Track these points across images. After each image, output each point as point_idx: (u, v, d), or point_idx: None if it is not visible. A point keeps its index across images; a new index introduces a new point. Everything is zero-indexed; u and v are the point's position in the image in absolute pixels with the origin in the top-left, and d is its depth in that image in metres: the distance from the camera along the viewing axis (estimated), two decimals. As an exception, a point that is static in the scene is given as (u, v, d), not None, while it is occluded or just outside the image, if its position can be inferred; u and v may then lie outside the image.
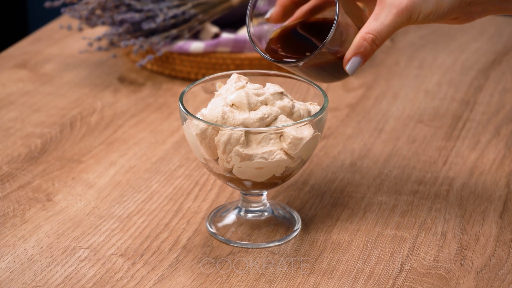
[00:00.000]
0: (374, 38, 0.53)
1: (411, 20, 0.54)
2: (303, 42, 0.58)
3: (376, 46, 0.54)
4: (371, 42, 0.53)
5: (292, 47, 0.57)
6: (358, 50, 0.54)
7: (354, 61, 0.54)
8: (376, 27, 0.53)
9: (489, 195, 0.65)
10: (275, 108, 0.56)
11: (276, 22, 0.57)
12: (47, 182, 0.66)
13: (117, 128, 0.74)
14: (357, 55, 0.54)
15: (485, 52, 0.88)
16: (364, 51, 0.54)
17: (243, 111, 0.56)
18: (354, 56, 0.54)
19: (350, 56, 0.54)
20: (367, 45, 0.53)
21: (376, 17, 0.53)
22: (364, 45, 0.53)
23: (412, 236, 0.60)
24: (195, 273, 0.56)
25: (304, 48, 0.57)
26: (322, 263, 0.57)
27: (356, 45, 0.54)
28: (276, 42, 0.57)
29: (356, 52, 0.54)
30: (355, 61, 0.54)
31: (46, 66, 0.85)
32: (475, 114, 0.77)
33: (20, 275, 0.56)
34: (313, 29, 0.58)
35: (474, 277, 0.56)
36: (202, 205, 0.64)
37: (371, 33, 0.53)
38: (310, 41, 0.58)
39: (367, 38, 0.53)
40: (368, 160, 0.69)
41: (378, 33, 0.53)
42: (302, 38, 0.58)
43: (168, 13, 0.80)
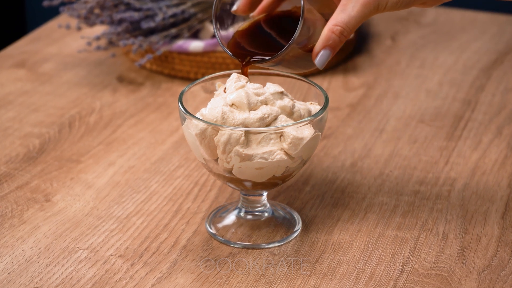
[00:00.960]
0: (342, 30, 0.53)
1: (379, 9, 0.53)
2: (269, 37, 0.57)
3: (344, 38, 0.53)
4: (339, 34, 0.53)
5: (258, 43, 0.57)
6: (327, 43, 0.53)
7: (323, 54, 0.53)
8: (344, 19, 0.53)
9: (491, 196, 0.65)
10: (275, 108, 0.56)
11: (244, 14, 0.56)
12: (45, 183, 0.66)
13: (116, 128, 0.74)
14: (326, 48, 0.53)
15: (487, 52, 0.88)
16: (333, 44, 0.53)
17: (243, 111, 0.56)
18: (323, 49, 0.53)
19: (319, 50, 0.54)
20: (336, 37, 0.53)
21: (343, 8, 0.53)
22: (332, 37, 0.53)
23: (413, 237, 0.60)
24: (195, 274, 0.56)
25: (271, 43, 0.56)
26: (322, 264, 0.57)
27: (324, 38, 0.53)
28: (241, 38, 0.57)
29: (325, 45, 0.53)
30: (324, 54, 0.53)
31: (45, 66, 0.85)
32: (476, 114, 0.77)
33: (18, 276, 0.56)
34: (279, 24, 0.57)
35: (475, 278, 0.56)
36: (202, 206, 0.63)
37: (339, 25, 0.53)
38: (277, 36, 0.57)
39: (335, 30, 0.53)
40: (369, 160, 0.69)
41: (346, 25, 0.53)
42: (268, 33, 0.57)
43: (167, 12, 0.80)
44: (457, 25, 0.94)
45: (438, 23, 0.95)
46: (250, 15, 0.57)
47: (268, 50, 0.56)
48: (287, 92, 0.58)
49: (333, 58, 0.84)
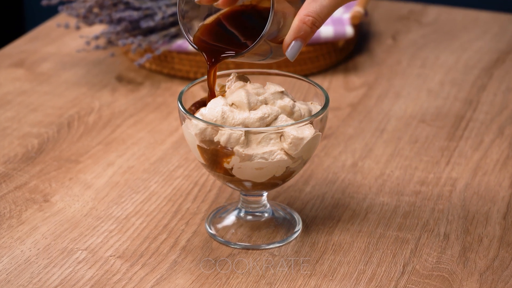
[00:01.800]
0: (314, 20, 0.52)
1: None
2: (237, 31, 0.56)
3: (316, 28, 0.52)
4: (311, 25, 0.52)
5: (225, 37, 0.55)
6: (298, 34, 0.52)
7: (294, 45, 0.52)
8: (316, 9, 0.52)
9: (493, 196, 0.64)
10: (275, 107, 0.56)
11: (208, 3, 0.55)
12: (44, 183, 0.66)
13: (115, 128, 0.74)
14: (297, 39, 0.52)
15: (488, 51, 0.88)
16: (304, 34, 0.52)
17: (243, 111, 0.55)
18: (294, 40, 0.52)
19: (290, 41, 0.52)
20: (307, 27, 0.52)
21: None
22: (303, 28, 0.52)
23: (414, 237, 0.60)
24: (194, 275, 0.56)
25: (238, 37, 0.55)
26: (323, 264, 0.57)
27: (295, 29, 0.52)
28: (207, 33, 0.55)
29: (296, 36, 0.52)
30: (295, 46, 0.52)
31: (43, 65, 0.85)
32: (478, 114, 0.76)
33: (16, 277, 0.56)
34: (246, 17, 0.56)
35: (477, 279, 0.56)
36: (201, 206, 0.63)
37: (311, 15, 0.52)
38: (244, 29, 0.56)
39: (307, 20, 0.52)
40: (370, 161, 0.69)
41: (318, 15, 0.52)
42: (235, 26, 0.56)
43: (166, 11, 0.80)
44: (459, 24, 0.94)
45: (439, 22, 0.95)
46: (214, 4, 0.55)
47: (235, 45, 0.54)
48: (288, 92, 0.58)
49: (333, 57, 0.85)
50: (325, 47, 0.83)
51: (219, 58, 0.55)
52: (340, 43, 0.84)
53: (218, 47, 0.55)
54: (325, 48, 0.83)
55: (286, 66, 0.82)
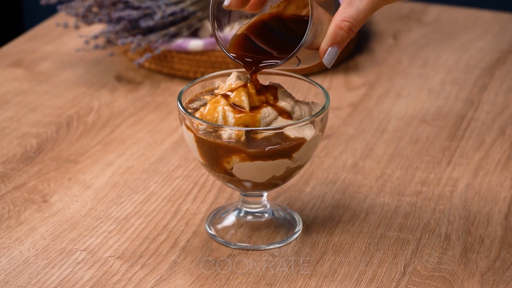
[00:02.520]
0: (351, 25, 0.51)
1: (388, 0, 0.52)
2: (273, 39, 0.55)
3: (352, 33, 0.51)
4: (347, 30, 0.51)
5: (261, 46, 0.55)
6: (335, 40, 0.51)
7: (331, 52, 0.52)
8: (352, 13, 0.51)
9: (494, 196, 0.64)
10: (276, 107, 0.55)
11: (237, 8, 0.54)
12: (43, 183, 0.66)
13: (114, 127, 0.74)
14: (333, 45, 0.51)
15: (490, 51, 0.88)
16: (341, 40, 0.51)
17: (244, 111, 0.55)
18: (331, 46, 0.52)
19: (327, 48, 0.52)
20: (344, 33, 0.51)
21: (350, 2, 0.51)
22: (340, 33, 0.51)
23: (415, 238, 0.59)
24: (194, 275, 0.56)
25: (275, 45, 0.55)
26: (323, 265, 0.57)
27: (332, 35, 0.51)
28: (242, 41, 0.55)
29: (333, 42, 0.51)
30: (332, 52, 0.52)
31: (42, 65, 0.85)
32: (479, 114, 0.76)
33: (15, 278, 0.56)
34: (281, 24, 0.55)
35: (478, 280, 0.56)
36: (201, 207, 0.63)
37: (347, 21, 0.51)
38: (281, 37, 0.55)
39: (343, 26, 0.51)
40: (371, 161, 0.69)
41: (355, 20, 0.51)
42: (271, 34, 0.56)
43: (166, 11, 0.79)
44: (460, 24, 0.94)
45: (440, 22, 0.94)
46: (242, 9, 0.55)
47: (273, 52, 0.54)
48: (288, 91, 0.58)
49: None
50: (326, 46, 0.82)
51: (258, 68, 0.54)
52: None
53: (253, 57, 0.54)
54: (326, 48, 0.83)
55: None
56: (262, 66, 0.54)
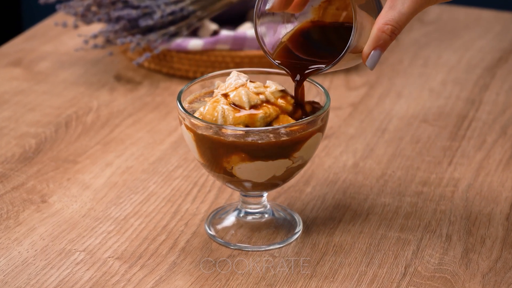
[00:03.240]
0: (394, 28, 0.51)
1: (430, 1, 0.52)
2: (316, 45, 0.56)
3: (395, 36, 0.52)
4: (390, 34, 0.51)
5: (306, 52, 0.56)
6: (378, 44, 0.52)
7: (374, 55, 0.52)
8: (394, 17, 0.51)
9: (496, 197, 0.64)
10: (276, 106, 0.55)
11: (279, 10, 0.54)
12: (41, 183, 0.66)
13: (113, 127, 0.74)
14: (376, 49, 0.52)
15: (491, 50, 0.88)
16: (383, 43, 0.52)
17: (244, 110, 0.55)
18: (374, 50, 0.52)
19: (370, 51, 0.52)
20: (386, 36, 0.52)
21: (392, 5, 0.52)
22: (383, 37, 0.52)
23: (416, 238, 0.59)
24: (194, 276, 0.56)
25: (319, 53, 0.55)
26: (324, 266, 0.57)
27: (374, 39, 0.52)
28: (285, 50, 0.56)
29: (376, 46, 0.52)
30: (375, 55, 0.52)
31: (41, 64, 0.85)
32: (481, 114, 0.76)
33: (13, 279, 0.55)
34: (325, 34, 0.56)
35: (480, 280, 0.55)
36: (201, 207, 0.63)
37: (390, 24, 0.51)
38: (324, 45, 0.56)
39: (386, 29, 0.51)
40: (371, 161, 0.69)
41: (397, 23, 0.51)
42: (315, 40, 0.56)
43: (166, 10, 0.79)
44: (461, 23, 0.94)
45: (441, 21, 0.94)
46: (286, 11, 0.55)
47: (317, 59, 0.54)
48: (288, 91, 0.57)
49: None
50: (326, 46, 0.82)
51: (304, 74, 0.55)
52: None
53: (300, 63, 0.55)
54: (326, 47, 0.82)
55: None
56: (308, 73, 0.55)
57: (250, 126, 0.55)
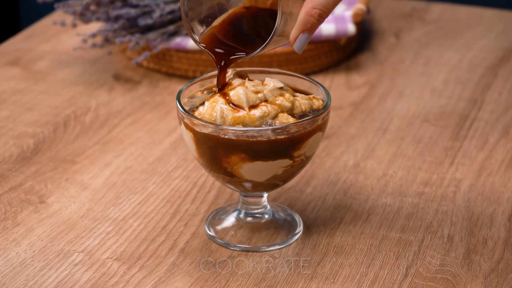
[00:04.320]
0: (321, 12, 0.52)
1: None
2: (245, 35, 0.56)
3: (323, 20, 0.53)
4: (318, 17, 0.52)
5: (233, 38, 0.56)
6: (305, 27, 0.52)
7: (301, 38, 0.53)
8: (322, 1, 0.52)
9: (498, 197, 0.64)
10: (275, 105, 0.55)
11: None
12: (39, 184, 0.65)
13: (112, 127, 0.73)
14: (304, 32, 0.52)
15: (493, 49, 0.87)
16: (311, 27, 0.52)
17: (242, 109, 0.54)
18: (301, 33, 0.52)
19: (297, 35, 0.53)
20: (314, 20, 0.52)
21: None
22: (311, 21, 0.52)
23: (417, 239, 0.59)
24: (193, 277, 0.56)
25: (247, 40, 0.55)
26: (324, 267, 0.56)
27: (302, 22, 0.52)
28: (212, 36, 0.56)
29: (303, 29, 0.52)
30: (302, 38, 0.53)
31: (39, 64, 0.84)
32: (483, 113, 0.76)
33: (11, 280, 0.55)
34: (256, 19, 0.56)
35: (481, 281, 0.55)
36: (200, 207, 0.63)
37: (317, 8, 0.52)
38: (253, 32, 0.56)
39: (314, 13, 0.52)
40: (372, 161, 0.68)
41: (324, 6, 0.52)
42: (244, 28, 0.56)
43: (165, 9, 0.79)
44: (463, 22, 0.93)
45: (443, 20, 0.94)
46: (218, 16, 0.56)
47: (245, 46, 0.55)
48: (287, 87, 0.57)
49: (335, 55, 0.84)
50: (327, 45, 0.82)
51: (229, 60, 0.55)
52: (342, 41, 0.83)
53: (227, 49, 0.55)
54: (327, 46, 0.82)
55: (287, 65, 0.81)
56: (233, 59, 0.55)
57: (249, 126, 0.54)
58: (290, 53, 0.81)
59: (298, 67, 0.81)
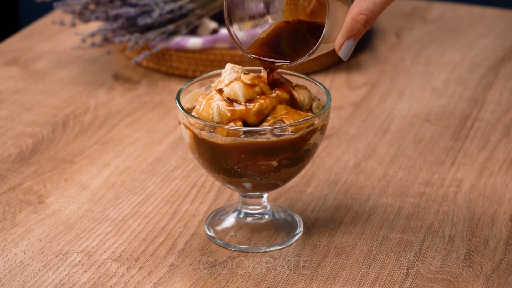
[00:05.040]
0: (367, 18, 0.52)
1: None
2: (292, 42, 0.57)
3: (369, 25, 0.52)
4: (364, 23, 0.52)
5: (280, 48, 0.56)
6: (351, 34, 0.52)
7: (347, 45, 0.52)
8: (368, 6, 0.52)
9: (499, 197, 0.64)
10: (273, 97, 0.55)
11: None
12: (38, 184, 0.65)
13: (111, 127, 0.73)
14: (349, 38, 0.52)
15: (494, 49, 0.87)
16: (357, 33, 0.52)
17: (239, 104, 0.54)
18: (347, 40, 0.52)
19: (343, 41, 0.52)
20: (360, 26, 0.52)
21: None
22: (357, 27, 0.52)
23: (418, 240, 0.59)
24: (193, 278, 0.55)
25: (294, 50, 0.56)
26: (325, 268, 0.56)
27: (348, 29, 0.52)
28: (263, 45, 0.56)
29: (349, 36, 0.52)
30: (348, 45, 0.52)
31: (38, 63, 0.84)
32: (484, 113, 0.76)
33: (10, 281, 0.55)
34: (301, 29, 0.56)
35: (483, 282, 0.55)
36: (200, 208, 0.62)
37: (363, 13, 0.52)
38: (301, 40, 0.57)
39: (360, 19, 0.52)
40: (373, 161, 0.68)
41: (371, 12, 0.52)
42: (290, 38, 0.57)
43: (164, 8, 0.79)
44: (464, 21, 0.93)
45: (444, 19, 0.94)
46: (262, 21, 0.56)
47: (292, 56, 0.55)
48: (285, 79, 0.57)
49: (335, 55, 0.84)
50: (327, 44, 0.82)
51: (274, 66, 0.55)
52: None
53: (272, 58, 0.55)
54: (327, 46, 0.82)
55: (287, 64, 0.81)
56: (278, 65, 0.55)
57: (247, 120, 0.54)
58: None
59: (299, 66, 0.81)
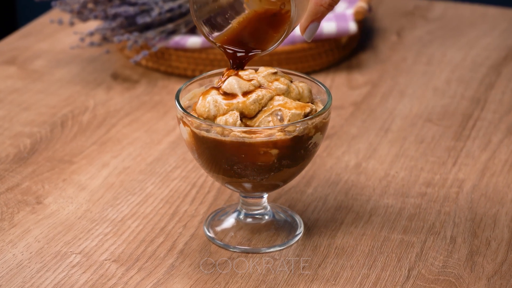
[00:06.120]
0: (331, 2, 0.54)
1: None
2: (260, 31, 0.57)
3: (331, 8, 0.54)
4: (327, 7, 0.54)
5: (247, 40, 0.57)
6: (315, 17, 0.54)
7: (311, 27, 0.54)
8: None
9: (501, 198, 0.64)
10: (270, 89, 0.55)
11: None
12: (36, 184, 0.65)
13: (110, 127, 0.73)
14: (313, 21, 0.54)
15: (496, 48, 0.87)
16: (321, 16, 0.54)
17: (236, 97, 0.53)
18: (311, 23, 0.54)
19: (307, 24, 0.54)
20: (324, 9, 0.54)
21: None
22: (320, 10, 0.54)
23: (420, 240, 0.59)
24: (192, 279, 0.55)
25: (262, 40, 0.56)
26: (325, 269, 0.56)
27: (312, 12, 0.54)
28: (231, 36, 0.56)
29: (313, 19, 0.54)
30: (312, 27, 0.54)
31: (36, 63, 0.84)
32: (486, 113, 0.75)
33: (8, 282, 0.55)
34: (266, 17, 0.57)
35: (485, 283, 0.55)
36: (200, 208, 0.62)
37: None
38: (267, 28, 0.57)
39: (324, 3, 0.54)
40: (374, 161, 0.68)
41: None
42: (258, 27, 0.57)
43: (164, 7, 0.79)
44: (466, 20, 0.93)
45: (445, 18, 0.93)
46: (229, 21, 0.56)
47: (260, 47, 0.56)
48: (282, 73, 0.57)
49: (336, 54, 0.83)
50: (328, 43, 0.82)
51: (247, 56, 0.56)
52: (343, 40, 0.82)
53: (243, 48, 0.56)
54: (328, 45, 0.82)
55: (288, 64, 0.80)
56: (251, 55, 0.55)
57: (244, 111, 0.54)
58: (290, 52, 0.80)
59: (299, 66, 0.81)
